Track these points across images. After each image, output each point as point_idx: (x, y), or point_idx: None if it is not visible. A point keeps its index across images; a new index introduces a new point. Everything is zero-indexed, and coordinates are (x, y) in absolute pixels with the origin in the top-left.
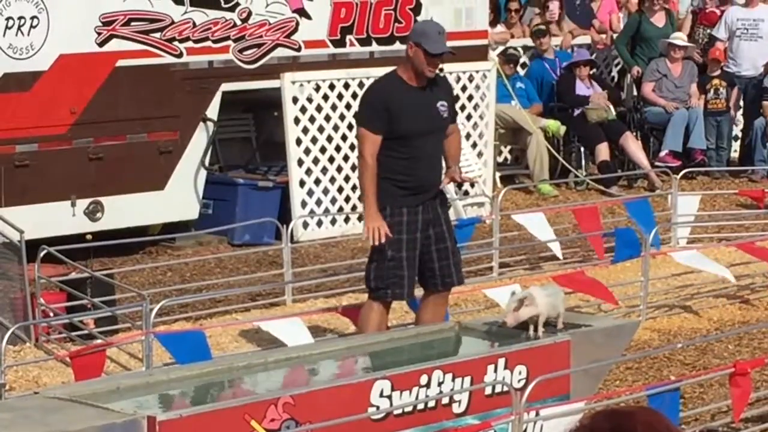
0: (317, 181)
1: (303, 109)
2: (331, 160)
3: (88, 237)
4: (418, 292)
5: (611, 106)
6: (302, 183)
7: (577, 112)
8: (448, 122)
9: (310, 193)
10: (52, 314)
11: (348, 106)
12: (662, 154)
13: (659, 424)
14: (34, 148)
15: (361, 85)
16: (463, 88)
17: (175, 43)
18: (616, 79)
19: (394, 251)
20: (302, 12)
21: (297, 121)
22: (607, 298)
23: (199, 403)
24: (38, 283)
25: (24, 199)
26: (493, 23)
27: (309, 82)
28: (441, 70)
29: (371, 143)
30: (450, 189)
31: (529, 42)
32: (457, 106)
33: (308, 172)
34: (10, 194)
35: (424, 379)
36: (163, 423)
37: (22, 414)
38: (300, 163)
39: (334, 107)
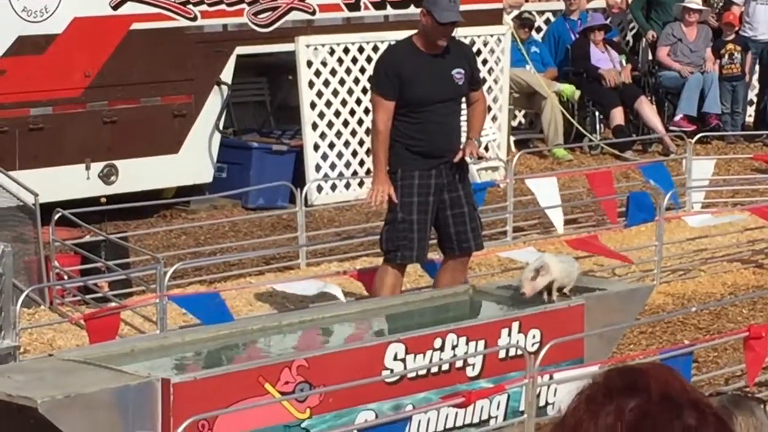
0: (331, 145)
1: (317, 73)
2: (346, 124)
3: (103, 200)
4: (437, 255)
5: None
6: (316, 147)
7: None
8: (464, 89)
9: (325, 156)
10: (66, 277)
11: (362, 70)
12: (677, 118)
13: (674, 381)
14: (49, 112)
15: (375, 49)
16: (478, 53)
17: (190, 6)
18: (631, 44)
19: (405, 213)
20: None
21: (311, 84)
22: (621, 259)
23: (213, 366)
24: (53, 246)
25: (38, 162)
26: None
27: (323, 45)
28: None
29: (384, 110)
30: None
31: (543, 6)
32: None
33: (322, 135)
34: (24, 157)
35: (438, 343)
36: (177, 385)
37: (36, 376)
38: (314, 126)
39: (348, 71)
